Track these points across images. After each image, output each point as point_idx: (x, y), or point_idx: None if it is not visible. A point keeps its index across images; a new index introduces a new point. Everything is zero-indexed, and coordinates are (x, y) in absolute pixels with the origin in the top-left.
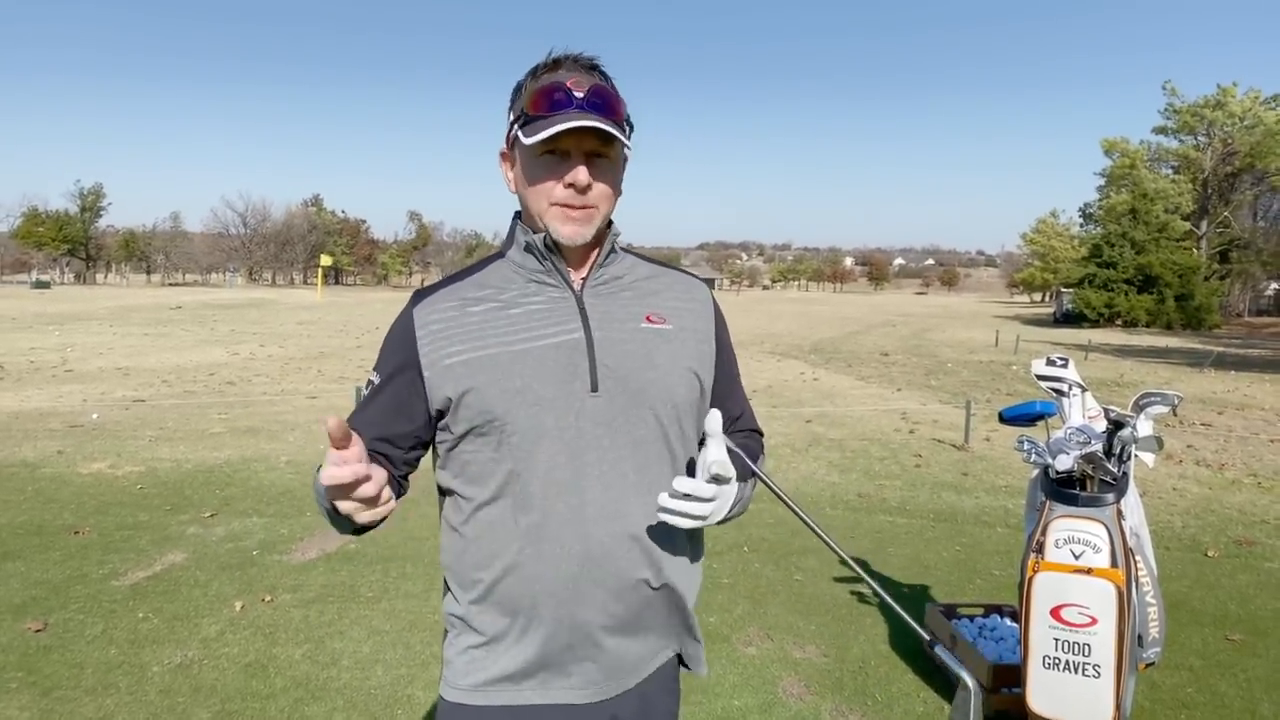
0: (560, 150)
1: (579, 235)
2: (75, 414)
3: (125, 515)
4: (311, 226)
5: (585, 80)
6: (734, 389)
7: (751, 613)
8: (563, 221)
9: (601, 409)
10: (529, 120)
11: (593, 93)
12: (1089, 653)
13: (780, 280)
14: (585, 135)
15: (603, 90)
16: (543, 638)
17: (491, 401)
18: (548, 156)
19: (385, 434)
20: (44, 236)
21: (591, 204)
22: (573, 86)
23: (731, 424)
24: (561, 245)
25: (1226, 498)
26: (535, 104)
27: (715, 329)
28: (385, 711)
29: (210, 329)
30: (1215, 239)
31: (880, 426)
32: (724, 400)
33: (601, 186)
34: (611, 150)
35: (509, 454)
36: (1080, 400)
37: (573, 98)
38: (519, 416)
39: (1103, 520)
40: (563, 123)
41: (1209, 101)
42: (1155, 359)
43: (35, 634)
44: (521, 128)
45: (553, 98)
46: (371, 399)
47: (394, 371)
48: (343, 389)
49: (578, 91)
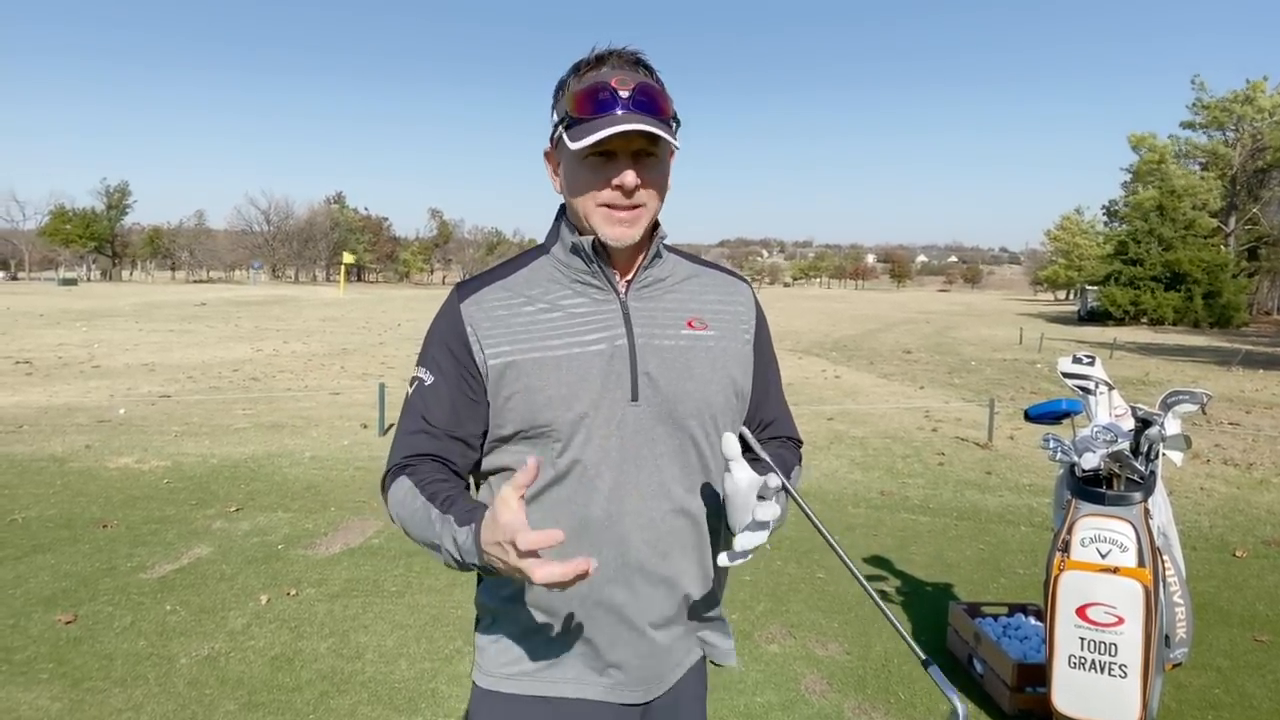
0: (607, 152)
1: (626, 237)
2: (102, 409)
3: (152, 509)
4: (334, 224)
5: (630, 78)
6: (771, 391)
7: (774, 610)
8: (610, 224)
9: (641, 418)
10: (574, 123)
11: (639, 91)
12: (1115, 652)
13: (801, 277)
14: (633, 136)
15: (648, 88)
16: (578, 637)
17: (537, 408)
18: (594, 158)
19: (458, 434)
20: (71, 234)
21: (640, 204)
22: (618, 86)
23: (765, 428)
24: (609, 246)
25: (1255, 497)
26: (580, 105)
27: (756, 330)
28: (409, 705)
29: (234, 325)
30: (1244, 236)
31: (903, 424)
32: (760, 404)
33: (650, 186)
34: (658, 149)
35: (550, 459)
36: (1107, 398)
37: (618, 98)
38: (562, 425)
39: (1130, 519)
40: (608, 126)
41: (1238, 96)
42: (1182, 357)
43: (65, 625)
44: (566, 130)
45: (598, 98)
46: (433, 397)
47: (452, 368)
48: (366, 385)
49: (623, 91)
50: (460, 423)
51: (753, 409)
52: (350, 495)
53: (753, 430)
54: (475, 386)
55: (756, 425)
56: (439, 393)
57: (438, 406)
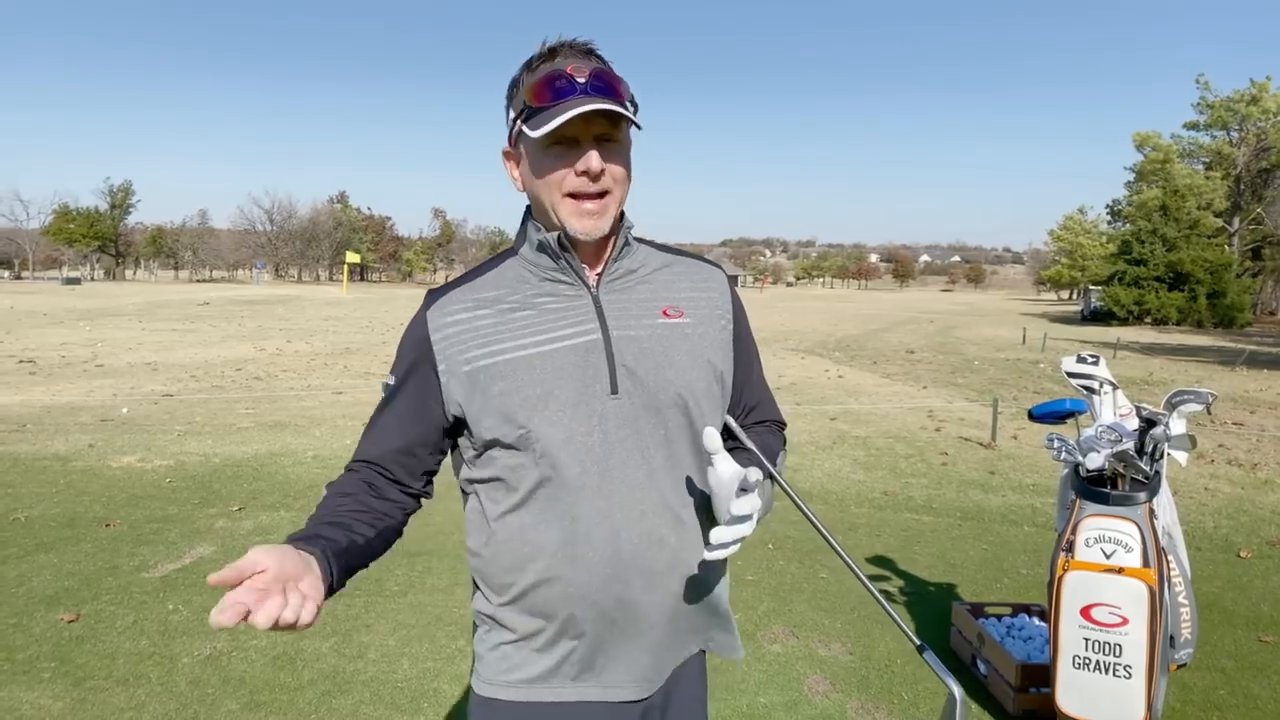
0: (568, 139)
1: (595, 229)
2: (106, 408)
3: (155, 508)
4: (337, 223)
5: (585, 65)
6: (753, 376)
7: (776, 610)
8: (578, 217)
9: (622, 410)
10: (533, 113)
11: (594, 76)
12: (1120, 653)
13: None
14: (594, 119)
15: (603, 73)
16: (576, 638)
17: (514, 410)
18: (556, 147)
19: (404, 444)
20: (75, 233)
21: (605, 189)
22: (574, 73)
23: (748, 413)
24: (576, 241)
25: (1259, 498)
26: (537, 95)
27: (733, 315)
28: (412, 705)
29: (237, 325)
30: (1248, 235)
31: (906, 424)
32: (743, 388)
33: (615, 169)
34: (619, 132)
35: (534, 461)
36: (1111, 398)
37: (575, 84)
38: (542, 425)
39: (1134, 519)
40: (570, 109)
41: (1243, 96)
42: (1186, 357)
43: (68, 624)
44: (525, 121)
45: (555, 86)
46: (388, 406)
47: (409, 377)
48: (368, 384)
49: (579, 77)
50: (407, 435)
51: (735, 394)
52: None
53: (736, 415)
54: (433, 397)
55: (740, 410)
56: (394, 403)
57: (391, 417)
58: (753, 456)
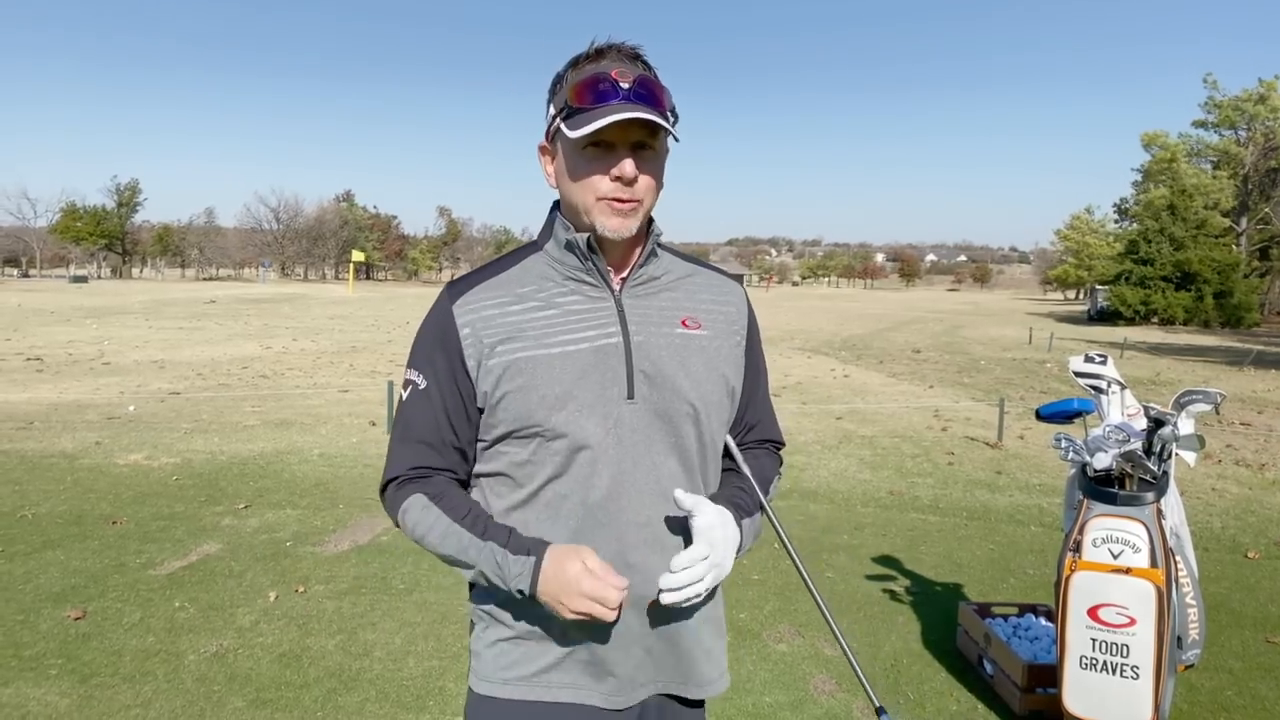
0: (605, 142)
1: (624, 228)
2: (112, 406)
3: (161, 506)
4: (343, 222)
5: (630, 71)
6: (758, 394)
7: (782, 609)
8: (609, 215)
9: (637, 416)
10: (573, 113)
11: (638, 83)
12: (1127, 654)
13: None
14: (632, 127)
15: (648, 81)
16: (576, 642)
17: (532, 407)
18: (592, 149)
19: (455, 443)
20: (81, 231)
21: (638, 197)
22: (618, 77)
23: (748, 431)
24: (604, 243)
25: (1267, 498)
26: (579, 96)
27: (747, 332)
28: (417, 703)
29: (243, 323)
30: (1255, 235)
31: (912, 424)
32: (747, 405)
33: (647, 179)
34: (656, 141)
35: (547, 459)
36: (1119, 398)
37: (619, 89)
38: (558, 424)
39: (1142, 519)
40: (610, 115)
41: (1251, 96)
42: (1193, 357)
43: (75, 621)
44: (565, 120)
45: (598, 89)
46: (427, 404)
47: (445, 374)
48: (374, 383)
49: (623, 82)
50: (456, 431)
51: (740, 410)
52: (359, 492)
53: (737, 431)
54: (468, 391)
55: (742, 426)
56: (434, 400)
57: (434, 414)
58: (745, 482)
